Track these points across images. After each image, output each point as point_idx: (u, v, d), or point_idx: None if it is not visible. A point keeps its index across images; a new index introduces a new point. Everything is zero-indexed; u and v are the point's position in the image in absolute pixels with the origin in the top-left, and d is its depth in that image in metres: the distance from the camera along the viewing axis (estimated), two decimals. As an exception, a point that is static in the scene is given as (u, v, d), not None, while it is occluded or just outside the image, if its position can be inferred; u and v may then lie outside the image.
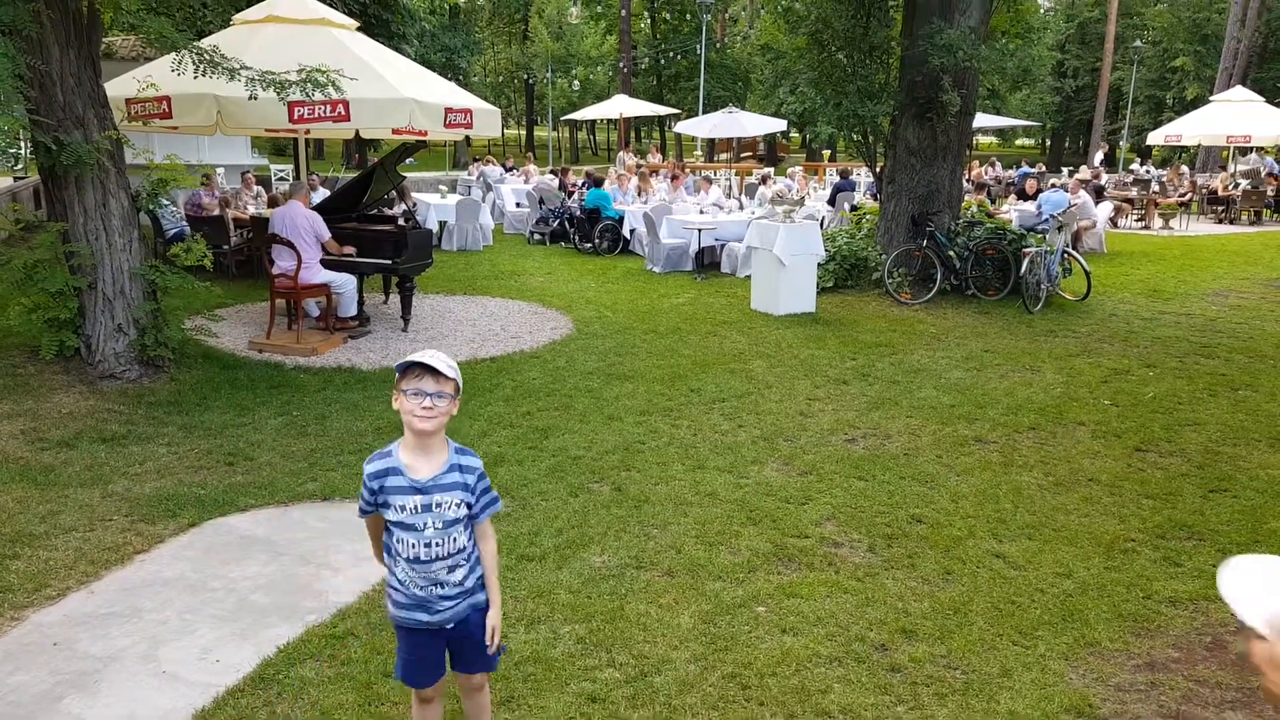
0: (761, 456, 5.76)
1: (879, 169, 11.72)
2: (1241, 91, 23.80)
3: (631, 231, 14.97)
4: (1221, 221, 20.68)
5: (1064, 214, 11.87)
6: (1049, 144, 56.10)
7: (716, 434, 6.19)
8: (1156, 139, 24.31)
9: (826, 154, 35.78)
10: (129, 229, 6.93)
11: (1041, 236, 11.18)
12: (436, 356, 2.43)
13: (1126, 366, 8.04)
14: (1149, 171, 24.87)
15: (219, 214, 11.71)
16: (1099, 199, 16.86)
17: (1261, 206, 20.83)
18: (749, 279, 11.05)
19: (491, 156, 24.24)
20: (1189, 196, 20.46)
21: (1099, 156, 29.86)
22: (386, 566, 2.59)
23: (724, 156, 36.24)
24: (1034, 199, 15.48)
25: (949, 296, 10.77)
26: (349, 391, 7.02)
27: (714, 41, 43.86)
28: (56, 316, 6.75)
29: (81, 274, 6.75)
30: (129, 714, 3.19)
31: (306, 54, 7.42)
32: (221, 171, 15.11)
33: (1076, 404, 6.94)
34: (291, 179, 15.65)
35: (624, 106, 30.81)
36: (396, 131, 9.06)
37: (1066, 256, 11.15)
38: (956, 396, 7.09)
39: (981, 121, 25.54)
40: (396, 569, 2.54)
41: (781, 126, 28.37)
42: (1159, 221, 19.38)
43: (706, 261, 13.11)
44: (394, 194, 12.62)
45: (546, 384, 7.29)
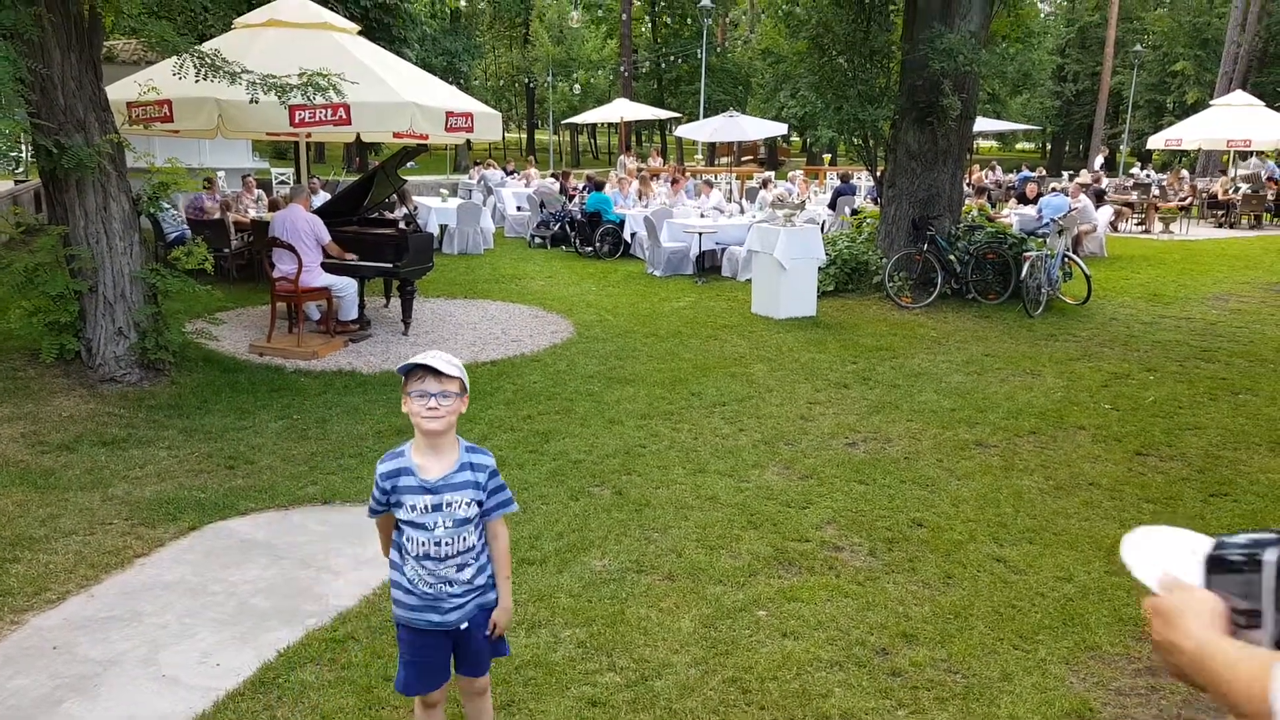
0: (762, 460, 5.76)
1: (879, 173, 11.73)
2: (1242, 96, 23.79)
3: (632, 235, 14.98)
4: (1221, 226, 20.68)
5: (1064, 218, 11.87)
6: (1049, 148, 56.16)
7: (717, 438, 6.19)
8: (1157, 143, 24.32)
9: (827, 158, 35.78)
10: (130, 232, 6.93)
11: (1042, 240, 11.18)
12: (438, 356, 2.42)
13: (1127, 370, 8.04)
14: (1149, 176, 24.87)
15: (220, 217, 11.72)
16: (1099, 203, 16.86)
17: (1261, 211, 20.83)
18: (749, 283, 11.06)
19: (492, 160, 24.30)
20: (1189, 201, 20.45)
21: (1099, 160, 29.92)
22: (394, 565, 2.60)
23: (725, 160, 36.25)
24: (1034, 203, 15.47)
25: (949, 300, 10.77)
26: (349, 395, 7.02)
27: (715, 45, 43.91)
28: (57, 320, 6.75)
29: (82, 277, 6.75)
30: (128, 718, 3.19)
31: (308, 58, 7.44)
32: (222, 175, 15.13)
33: (1077, 408, 6.94)
34: (292, 182, 15.65)
35: (625, 110, 30.83)
36: (397, 135, 9.10)
37: (1067, 260, 11.16)
38: (957, 400, 7.09)
39: (982, 125, 25.61)
40: (405, 567, 2.54)
41: (782, 130, 28.40)
42: (1159, 225, 19.40)
43: (707, 265, 13.11)
44: (395, 198, 12.64)
45: (547, 388, 7.29)
